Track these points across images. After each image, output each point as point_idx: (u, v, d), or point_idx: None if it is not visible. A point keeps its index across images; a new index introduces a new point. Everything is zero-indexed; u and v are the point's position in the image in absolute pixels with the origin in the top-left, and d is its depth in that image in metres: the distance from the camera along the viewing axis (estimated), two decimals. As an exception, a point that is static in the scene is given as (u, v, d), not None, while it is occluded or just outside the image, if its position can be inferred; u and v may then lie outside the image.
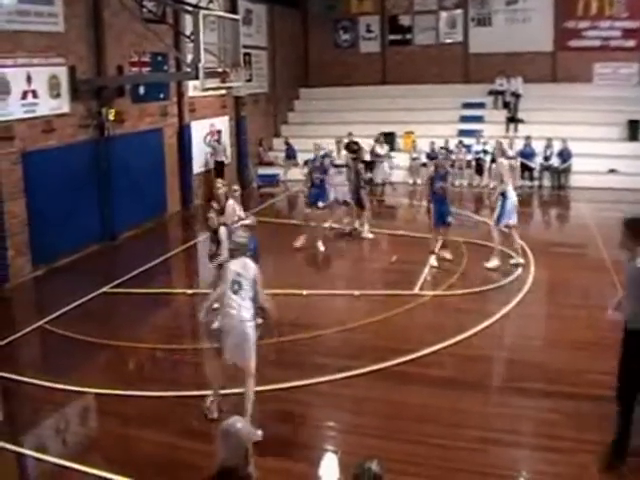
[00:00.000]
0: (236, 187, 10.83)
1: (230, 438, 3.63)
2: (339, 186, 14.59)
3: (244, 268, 7.06)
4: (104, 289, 11.86)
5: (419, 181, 21.26)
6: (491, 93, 22.97)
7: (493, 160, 20.08)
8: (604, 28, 22.43)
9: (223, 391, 7.34)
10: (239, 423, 3.69)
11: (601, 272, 11.79)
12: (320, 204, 14.09)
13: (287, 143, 21.50)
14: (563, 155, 20.02)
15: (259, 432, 5.56)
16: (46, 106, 13.18)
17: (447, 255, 12.63)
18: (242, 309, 6.95)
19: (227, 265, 7.35)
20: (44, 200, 12.85)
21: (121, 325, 10.39)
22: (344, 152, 15.08)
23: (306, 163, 15.51)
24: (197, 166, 18.90)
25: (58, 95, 13.52)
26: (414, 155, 21.58)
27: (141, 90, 16.28)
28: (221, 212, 10.01)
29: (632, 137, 20.53)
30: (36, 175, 12.74)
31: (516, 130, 21.68)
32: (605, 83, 21.88)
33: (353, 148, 15.06)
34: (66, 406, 7.94)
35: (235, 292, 6.98)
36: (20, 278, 12.57)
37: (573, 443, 6.57)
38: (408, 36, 25.42)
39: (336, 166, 14.91)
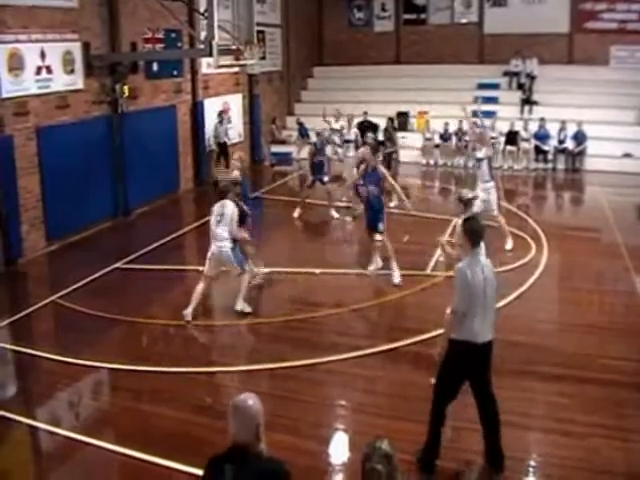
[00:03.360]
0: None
1: (241, 414, 3.65)
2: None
3: (222, 207, 9.49)
4: (117, 265, 11.93)
5: (432, 162, 21.23)
6: (506, 74, 22.75)
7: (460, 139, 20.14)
8: (621, 11, 22.13)
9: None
10: (250, 400, 3.71)
11: (615, 257, 11.77)
12: (325, 179, 14.68)
13: (299, 122, 21.43)
14: (578, 138, 19.85)
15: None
16: (60, 82, 13.18)
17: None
18: (222, 238, 9.41)
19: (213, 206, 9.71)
20: (58, 176, 12.89)
21: (134, 301, 10.46)
22: (355, 129, 15.19)
23: (318, 135, 15.55)
24: (207, 146, 18.81)
25: (72, 71, 13.51)
26: (427, 135, 21.48)
27: (155, 67, 16.25)
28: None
29: (648, 121, 20.34)
30: (50, 151, 12.77)
31: (531, 112, 21.49)
32: (622, 66, 21.61)
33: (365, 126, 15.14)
34: (79, 380, 8.02)
35: (217, 224, 9.44)
36: (34, 253, 12.65)
37: (583, 427, 6.59)
38: (423, 16, 25.16)
39: (347, 141, 14.98)
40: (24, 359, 8.52)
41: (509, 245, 12.15)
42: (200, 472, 4.03)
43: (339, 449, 6.64)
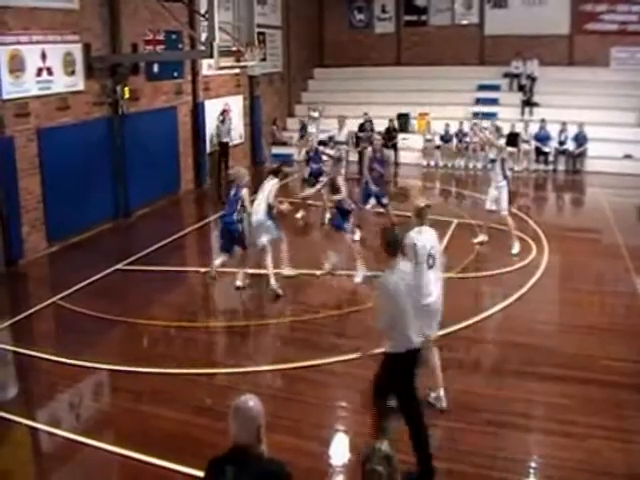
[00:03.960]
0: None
1: (242, 416, 3.65)
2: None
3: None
4: (118, 266, 11.93)
5: (432, 163, 21.24)
6: (507, 75, 22.75)
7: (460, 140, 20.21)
8: (621, 12, 22.12)
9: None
10: (251, 401, 3.70)
11: (615, 257, 11.77)
12: (322, 179, 14.43)
13: (303, 123, 21.41)
14: (579, 139, 19.85)
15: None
16: (61, 83, 13.18)
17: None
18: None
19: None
20: (59, 177, 12.89)
21: (134, 302, 10.46)
22: (345, 130, 15.22)
23: (330, 139, 15.56)
24: (210, 145, 18.84)
25: (73, 72, 13.51)
26: (428, 137, 21.48)
27: (155, 68, 16.26)
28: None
29: (648, 123, 20.34)
30: (51, 152, 12.77)
31: (531, 113, 21.51)
32: (622, 67, 21.61)
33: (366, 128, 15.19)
34: (79, 381, 8.02)
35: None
36: (35, 254, 12.65)
37: (584, 428, 6.58)
38: (423, 17, 25.17)
39: (337, 143, 15.02)
40: (25, 360, 8.51)
41: (515, 249, 12.13)
42: (200, 473, 4.03)
43: (340, 450, 6.64)
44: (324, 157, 14.46)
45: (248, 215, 10.53)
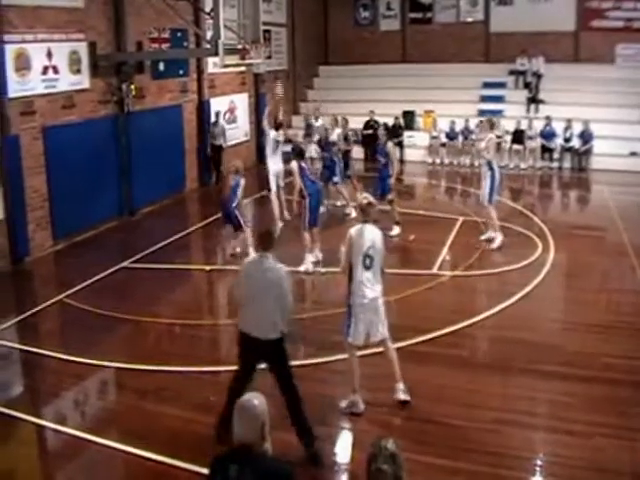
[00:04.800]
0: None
1: (247, 414, 3.65)
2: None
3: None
4: (123, 264, 11.97)
5: (438, 160, 21.21)
6: (512, 73, 22.69)
7: (466, 138, 20.21)
8: (627, 9, 22.04)
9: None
10: (256, 399, 3.71)
11: (621, 255, 11.75)
12: (335, 179, 14.76)
13: (308, 121, 21.39)
14: (584, 136, 19.79)
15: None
16: (66, 82, 13.22)
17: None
18: None
19: None
20: (64, 175, 12.93)
21: (140, 300, 10.49)
22: (338, 130, 15.25)
23: (346, 138, 15.59)
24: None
25: (78, 71, 13.54)
26: (434, 134, 21.45)
27: (161, 66, 16.28)
28: None
29: (655, 120, 20.25)
30: (56, 150, 12.81)
31: (537, 111, 21.45)
32: (628, 64, 21.52)
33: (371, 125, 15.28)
34: (85, 379, 8.05)
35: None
36: (40, 252, 12.69)
37: (588, 426, 6.57)
38: (428, 14, 25.14)
39: (327, 143, 15.03)
40: (31, 358, 8.55)
41: (495, 244, 12.18)
42: (204, 470, 4.04)
43: (345, 448, 6.64)
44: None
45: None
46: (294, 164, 11.63)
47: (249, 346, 6.24)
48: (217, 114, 18.55)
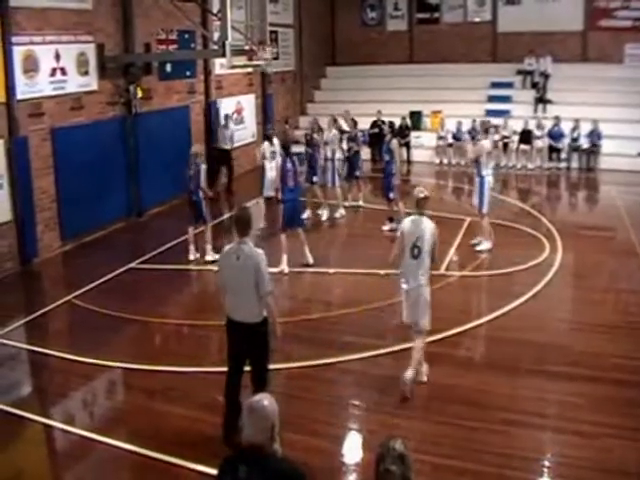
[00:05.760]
0: None
1: (256, 414, 3.65)
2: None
3: None
4: (131, 264, 12.00)
5: (445, 161, 21.18)
6: (520, 73, 22.65)
7: (473, 138, 20.07)
8: (635, 8, 21.95)
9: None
10: (265, 400, 3.71)
11: (629, 256, 11.72)
12: (315, 179, 14.75)
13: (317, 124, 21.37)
14: (593, 136, 19.73)
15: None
16: (74, 83, 13.26)
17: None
18: None
19: None
20: (72, 176, 12.97)
21: (148, 300, 10.51)
22: (334, 131, 15.25)
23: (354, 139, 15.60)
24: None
25: (86, 72, 13.59)
26: (441, 134, 21.42)
27: (168, 68, 16.31)
28: None
29: (663, 120, 20.16)
30: (65, 151, 12.86)
31: (544, 111, 21.41)
32: (636, 64, 21.43)
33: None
34: (93, 379, 8.08)
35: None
36: (49, 253, 12.74)
37: (596, 427, 6.56)
38: (436, 14, 25.15)
39: (325, 144, 15.03)
40: (39, 358, 8.59)
41: (482, 246, 12.14)
42: (211, 470, 4.04)
43: (353, 449, 6.65)
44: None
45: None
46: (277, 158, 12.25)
47: (233, 330, 6.39)
48: (226, 117, 18.35)
